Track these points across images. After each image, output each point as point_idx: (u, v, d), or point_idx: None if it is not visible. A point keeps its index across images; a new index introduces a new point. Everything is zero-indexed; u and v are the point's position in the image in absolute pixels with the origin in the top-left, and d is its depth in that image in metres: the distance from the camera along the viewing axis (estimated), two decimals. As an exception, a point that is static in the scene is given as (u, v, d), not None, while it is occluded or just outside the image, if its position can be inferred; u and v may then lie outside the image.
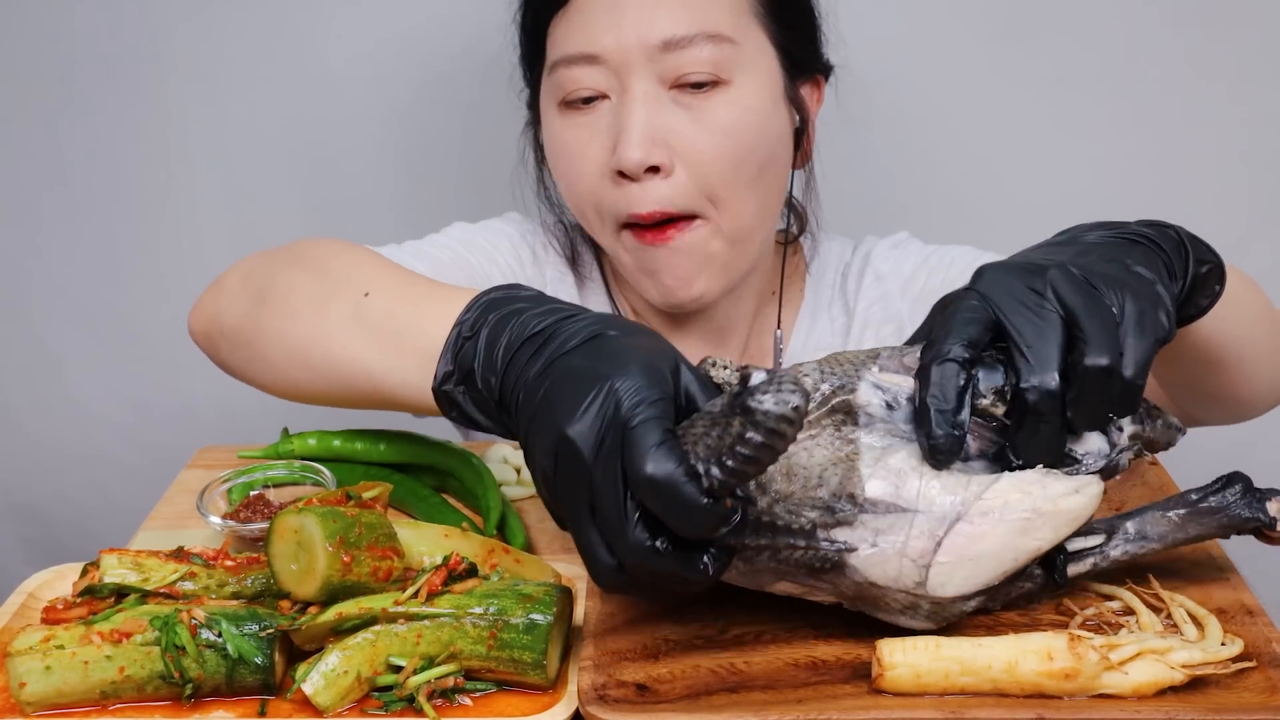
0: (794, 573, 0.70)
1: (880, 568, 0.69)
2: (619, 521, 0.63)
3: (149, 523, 0.95)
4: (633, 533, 0.62)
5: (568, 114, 1.03)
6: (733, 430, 0.61)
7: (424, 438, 0.99)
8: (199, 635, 0.70)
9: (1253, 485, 0.77)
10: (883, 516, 0.69)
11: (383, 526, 0.75)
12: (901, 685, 0.68)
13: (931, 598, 0.70)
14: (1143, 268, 0.71)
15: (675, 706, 0.68)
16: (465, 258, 1.14)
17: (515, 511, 0.92)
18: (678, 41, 0.98)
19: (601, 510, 0.63)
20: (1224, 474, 0.77)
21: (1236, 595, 0.77)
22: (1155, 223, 0.77)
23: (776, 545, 0.68)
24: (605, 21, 0.99)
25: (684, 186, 1.01)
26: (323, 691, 0.68)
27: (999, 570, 0.71)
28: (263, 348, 0.90)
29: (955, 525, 0.69)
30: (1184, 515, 0.77)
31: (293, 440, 0.99)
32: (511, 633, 0.69)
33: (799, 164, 1.12)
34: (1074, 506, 0.71)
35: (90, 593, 0.75)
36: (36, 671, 0.69)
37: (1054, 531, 0.71)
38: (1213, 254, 0.77)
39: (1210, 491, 0.77)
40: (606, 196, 1.03)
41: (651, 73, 0.99)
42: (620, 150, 0.99)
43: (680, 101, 1.00)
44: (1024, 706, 0.66)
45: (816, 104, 1.13)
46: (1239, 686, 0.68)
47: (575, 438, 0.63)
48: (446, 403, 0.75)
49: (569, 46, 1.01)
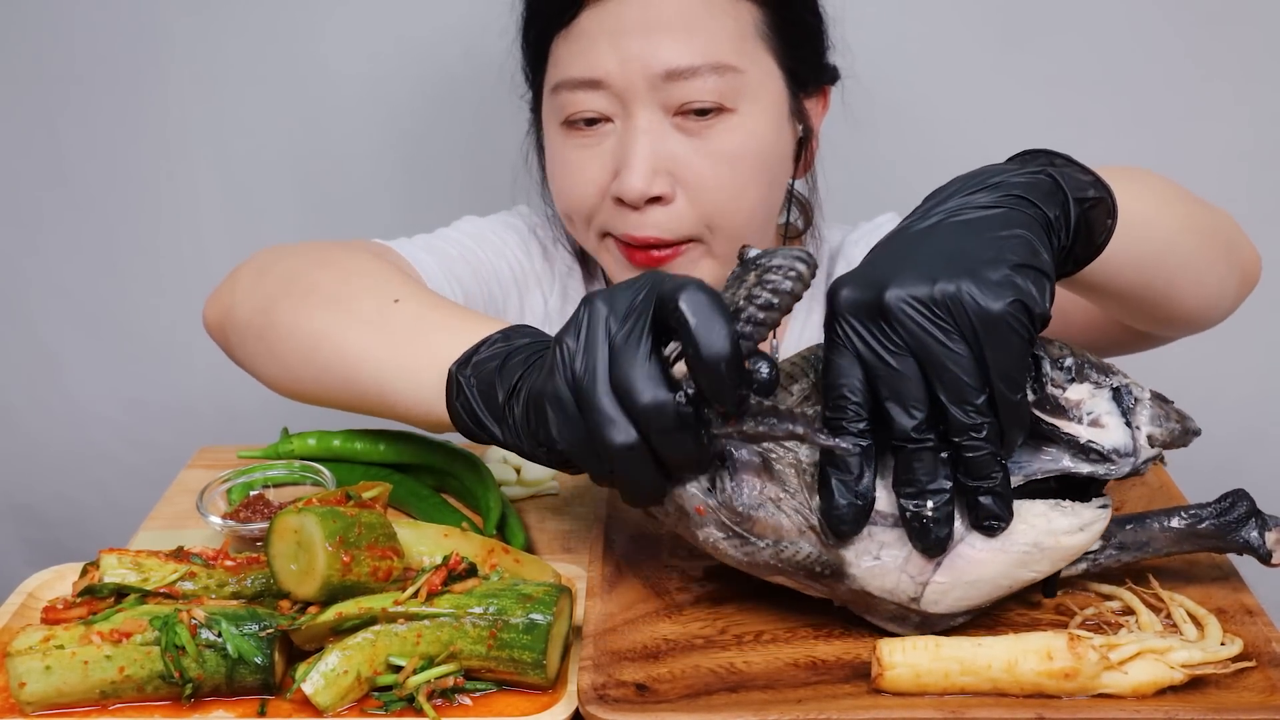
0: (792, 571, 0.71)
1: (879, 580, 0.70)
2: (642, 367, 0.61)
3: (149, 523, 0.96)
4: (656, 385, 0.61)
5: (570, 134, 1.02)
6: (748, 282, 0.63)
7: (424, 438, 0.99)
8: (199, 635, 0.70)
9: (1256, 509, 0.76)
10: (889, 530, 0.69)
11: (382, 526, 0.75)
12: (901, 685, 0.68)
13: (923, 612, 0.71)
14: (1012, 252, 0.65)
15: (675, 706, 0.67)
16: (474, 252, 1.14)
17: (515, 511, 0.92)
18: (682, 72, 0.96)
19: (621, 368, 0.62)
20: (1229, 491, 0.76)
21: (1236, 595, 0.77)
22: (1027, 161, 0.73)
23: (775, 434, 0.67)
24: (607, 47, 0.97)
25: (684, 214, 1.00)
26: (323, 691, 0.68)
27: (992, 596, 0.72)
28: (273, 341, 0.89)
29: (957, 548, 0.69)
30: (1182, 531, 0.76)
31: (293, 440, 0.99)
32: (511, 633, 0.69)
33: (800, 173, 1.11)
34: (1076, 544, 0.71)
35: (90, 593, 0.75)
36: (36, 671, 0.69)
37: (1051, 565, 0.72)
38: (1095, 186, 0.72)
39: (1210, 511, 0.76)
40: (601, 214, 1.03)
41: (655, 101, 0.98)
42: (623, 180, 0.98)
43: (684, 128, 0.99)
44: (1024, 706, 0.66)
45: (821, 112, 1.12)
46: (1238, 686, 0.68)
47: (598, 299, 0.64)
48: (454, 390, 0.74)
49: (572, 70, 1.00)
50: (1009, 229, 0.66)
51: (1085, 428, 0.71)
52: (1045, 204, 0.69)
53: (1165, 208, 0.83)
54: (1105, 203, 0.72)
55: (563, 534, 0.92)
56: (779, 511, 0.69)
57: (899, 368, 0.64)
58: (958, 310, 0.63)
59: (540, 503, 0.97)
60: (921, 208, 0.70)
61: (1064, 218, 0.70)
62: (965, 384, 0.63)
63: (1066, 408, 0.71)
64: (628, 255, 1.03)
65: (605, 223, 1.03)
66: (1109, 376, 0.73)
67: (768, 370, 0.64)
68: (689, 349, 0.61)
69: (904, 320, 0.63)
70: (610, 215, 1.02)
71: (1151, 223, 0.80)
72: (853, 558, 0.69)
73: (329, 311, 0.86)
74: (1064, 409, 0.71)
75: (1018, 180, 0.69)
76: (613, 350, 0.63)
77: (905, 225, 0.69)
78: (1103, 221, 0.73)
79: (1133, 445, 0.72)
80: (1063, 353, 0.72)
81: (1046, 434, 0.71)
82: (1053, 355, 0.72)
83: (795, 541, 0.69)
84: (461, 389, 0.73)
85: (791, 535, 0.69)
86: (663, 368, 0.63)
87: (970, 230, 0.66)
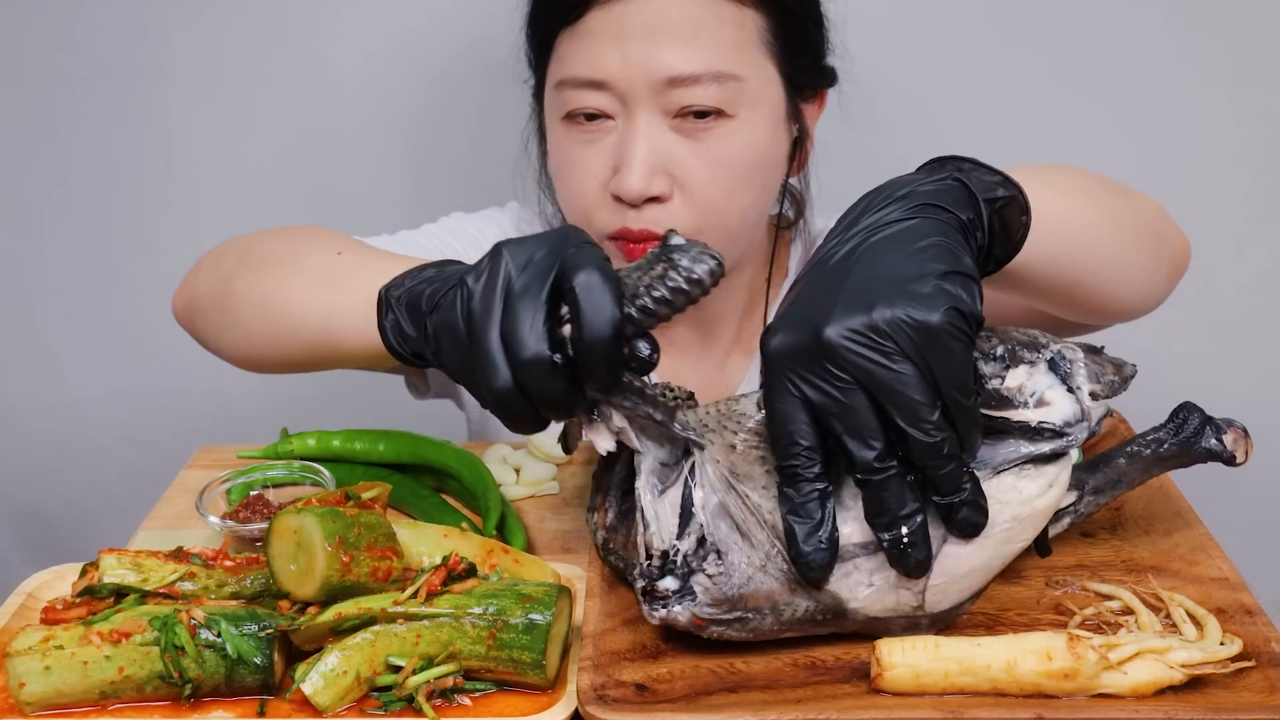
0: (797, 627, 0.71)
1: (880, 603, 0.71)
2: (530, 322, 0.65)
3: (149, 523, 0.96)
4: (539, 341, 0.64)
5: (572, 129, 1.03)
6: (654, 272, 0.66)
7: (424, 438, 0.99)
8: (198, 635, 0.70)
9: (1208, 417, 0.78)
10: (873, 556, 0.69)
11: (382, 527, 0.75)
12: (901, 685, 0.68)
13: (930, 614, 0.72)
14: (935, 260, 0.65)
15: (675, 706, 0.68)
16: (451, 244, 1.16)
17: (514, 511, 0.92)
18: (684, 79, 0.98)
19: (511, 319, 0.65)
20: (1177, 406, 0.78)
21: (1236, 595, 0.77)
22: (934, 169, 0.74)
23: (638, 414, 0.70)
24: (612, 49, 0.98)
25: (679, 214, 1.02)
26: (322, 691, 0.68)
27: (989, 577, 0.73)
28: (232, 309, 0.93)
29: (943, 548, 0.70)
30: (1148, 459, 0.78)
31: (292, 440, 0.99)
32: (511, 633, 0.69)
33: (794, 172, 1.12)
34: (1048, 503, 0.73)
35: (90, 593, 0.75)
36: (36, 672, 0.69)
37: (1034, 529, 0.73)
38: (1003, 185, 0.72)
39: (1167, 432, 0.78)
40: (599, 211, 1.04)
41: (656, 104, 0.99)
42: (622, 178, 0.99)
43: (682, 130, 1.00)
44: (1023, 706, 0.66)
45: (817, 113, 1.12)
46: (1238, 686, 0.68)
47: (506, 250, 0.67)
48: (384, 309, 0.77)
49: (576, 69, 1.01)
50: (927, 239, 0.66)
51: (1032, 410, 0.72)
52: (956, 208, 0.69)
53: (1083, 201, 0.84)
54: (1017, 200, 0.73)
55: (563, 534, 0.92)
56: (766, 577, 0.70)
57: (850, 403, 0.65)
58: (898, 332, 0.63)
59: (540, 503, 0.97)
60: (834, 231, 0.70)
61: (977, 219, 0.70)
62: (918, 403, 0.64)
63: (1009, 396, 0.72)
64: (624, 250, 1.04)
65: (602, 223, 1.04)
66: (1040, 351, 0.74)
67: (648, 351, 0.66)
68: (574, 325, 0.65)
69: (847, 356, 0.64)
70: (607, 212, 1.03)
71: (1067, 217, 0.80)
72: (848, 593, 0.70)
73: (280, 271, 0.90)
74: (1008, 399, 0.72)
75: (926, 189, 0.69)
76: (508, 299, 0.66)
77: (822, 255, 0.69)
78: (1017, 219, 0.73)
79: (1081, 411, 0.73)
80: (991, 344, 0.73)
81: (999, 428, 0.72)
82: (983, 350, 0.73)
83: (790, 601, 0.70)
84: (390, 308, 0.76)
85: (785, 596, 0.70)
86: (550, 325, 0.65)
87: (889, 247, 0.67)
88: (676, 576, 0.70)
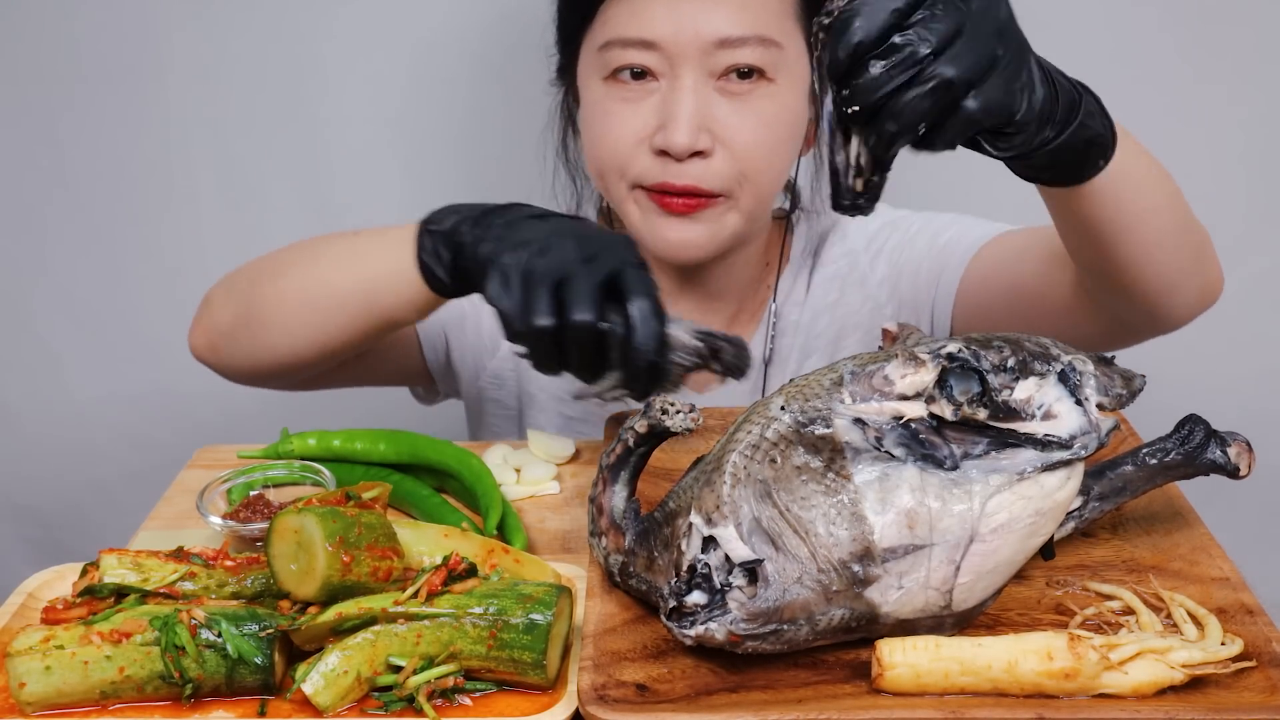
0: (830, 635, 0.71)
1: (909, 605, 0.71)
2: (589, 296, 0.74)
3: (149, 523, 0.95)
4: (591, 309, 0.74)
5: (615, 86, 1.08)
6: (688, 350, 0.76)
7: (424, 438, 0.99)
8: (199, 635, 0.70)
9: (1213, 430, 0.79)
10: (902, 560, 0.70)
11: (382, 526, 0.75)
12: (901, 685, 0.68)
13: (956, 613, 0.72)
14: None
15: (675, 706, 0.68)
16: None
17: (515, 511, 0.92)
18: (731, 41, 1.03)
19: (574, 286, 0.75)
20: (1184, 418, 0.80)
21: (1236, 595, 0.77)
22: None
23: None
24: (664, 12, 1.03)
25: (720, 169, 1.06)
26: (323, 691, 0.68)
27: (1011, 573, 0.74)
28: (265, 316, 0.97)
29: (970, 546, 0.70)
30: (1154, 467, 0.79)
31: (292, 440, 0.99)
32: (511, 633, 0.69)
33: (803, 151, 1.16)
34: (1067, 496, 0.74)
35: (90, 593, 0.75)
36: (36, 672, 0.69)
37: (1054, 523, 0.74)
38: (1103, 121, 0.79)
39: (1172, 443, 0.79)
40: (636, 164, 1.08)
41: (703, 65, 1.04)
42: (669, 133, 1.04)
43: (725, 90, 1.05)
44: (1024, 706, 0.66)
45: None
46: (1239, 686, 0.68)
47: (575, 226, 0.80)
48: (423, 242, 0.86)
49: (626, 30, 1.05)
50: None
51: (1039, 423, 0.73)
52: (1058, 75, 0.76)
53: (1157, 185, 0.87)
54: (1104, 139, 0.79)
55: (563, 534, 0.92)
56: (801, 588, 0.70)
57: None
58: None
59: (540, 503, 0.97)
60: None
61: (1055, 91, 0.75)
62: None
63: (1018, 408, 0.73)
64: (661, 203, 1.08)
65: (640, 174, 1.08)
66: (1051, 363, 0.75)
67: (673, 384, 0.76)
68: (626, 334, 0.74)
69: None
70: (646, 166, 1.07)
71: (1144, 186, 0.85)
72: (879, 597, 0.70)
73: (301, 267, 0.97)
74: (1016, 411, 0.73)
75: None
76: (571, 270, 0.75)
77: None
78: (1094, 158, 0.79)
79: (1089, 423, 0.74)
80: (1002, 355, 0.74)
81: (1009, 441, 0.72)
82: (994, 363, 0.73)
83: (826, 611, 0.70)
84: (428, 237, 0.86)
85: (821, 606, 0.70)
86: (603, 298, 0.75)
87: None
88: (704, 591, 0.70)
